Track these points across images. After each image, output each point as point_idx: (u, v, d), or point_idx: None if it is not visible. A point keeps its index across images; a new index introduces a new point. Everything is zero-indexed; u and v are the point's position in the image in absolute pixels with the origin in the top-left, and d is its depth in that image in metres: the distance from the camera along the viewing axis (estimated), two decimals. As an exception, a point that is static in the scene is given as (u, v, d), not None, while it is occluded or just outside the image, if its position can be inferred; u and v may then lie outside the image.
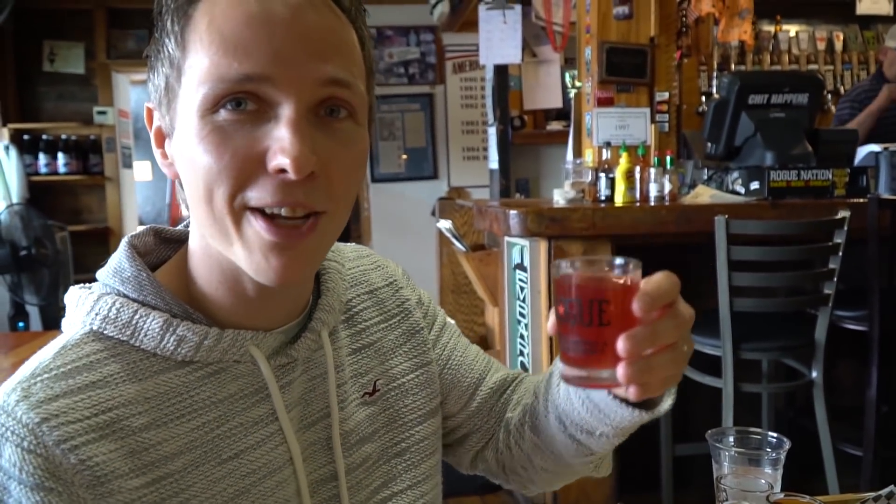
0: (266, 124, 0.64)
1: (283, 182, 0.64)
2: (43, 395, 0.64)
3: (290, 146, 0.62)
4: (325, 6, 0.67)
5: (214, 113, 0.64)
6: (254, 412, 0.73)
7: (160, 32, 0.68)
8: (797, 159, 2.74)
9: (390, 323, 0.90)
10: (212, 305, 0.73)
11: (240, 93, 0.63)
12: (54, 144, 5.53)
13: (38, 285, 4.62)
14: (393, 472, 0.84)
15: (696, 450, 2.73)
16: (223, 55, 0.63)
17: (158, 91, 0.69)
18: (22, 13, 5.39)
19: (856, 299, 2.52)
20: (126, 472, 0.64)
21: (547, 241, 2.46)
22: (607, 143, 3.12)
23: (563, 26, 4.17)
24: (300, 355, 0.76)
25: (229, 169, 0.63)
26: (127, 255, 0.73)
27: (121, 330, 0.69)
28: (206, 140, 0.64)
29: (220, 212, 0.65)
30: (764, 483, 0.80)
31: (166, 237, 0.80)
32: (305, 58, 0.64)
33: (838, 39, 5.48)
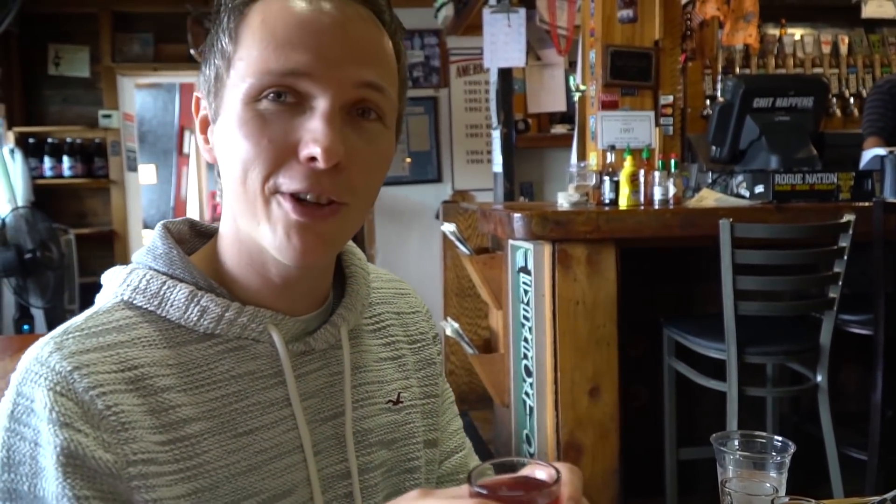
0: (302, 116, 0.69)
1: (312, 170, 0.69)
2: (75, 348, 0.69)
3: (322, 136, 0.68)
4: (370, 19, 0.73)
5: (257, 102, 0.69)
6: (270, 394, 0.76)
7: (216, 29, 0.74)
8: (802, 163, 2.74)
9: (412, 347, 0.94)
10: (238, 287, 0.77)
11: (281, 85, 0.69)
12: (59, 148, 5.54)
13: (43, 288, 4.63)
14: (402, 487, 0.87)
15: (701, 454, 2.73)
16: (272, 50, 0.69)
17: (208, 81, 0.75)
18: (27, 17, 5.40)
19: (861, 303, 2.51)
20: (147, 427, 0.69)
21: (551, 245, 2.46)
22: (612, 146, 3.11)
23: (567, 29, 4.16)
24: (318, 346, 0.80)
25: (265, 153, 0.69)
26: (161, 234, 0.79)
27: (149, 300, 0.74)
28: (247, 126, 0.69)
29: (253, 193, 0.70)
30: (769, 487, 0.80)
31: (200, 230, 0.86)
32: (345, 60, 0.70)
33: (843, 43, 5.47)
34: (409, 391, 0.90)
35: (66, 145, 5.55)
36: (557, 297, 2.46)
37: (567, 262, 2.46)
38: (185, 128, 8.72)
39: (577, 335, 2.48)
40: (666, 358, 2.65)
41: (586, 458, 2.50)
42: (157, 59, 5.73)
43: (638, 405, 2.92)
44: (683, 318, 2.69)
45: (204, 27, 5.60)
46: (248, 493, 0.73)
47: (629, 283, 2.61)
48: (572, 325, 2.47)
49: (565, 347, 2.47)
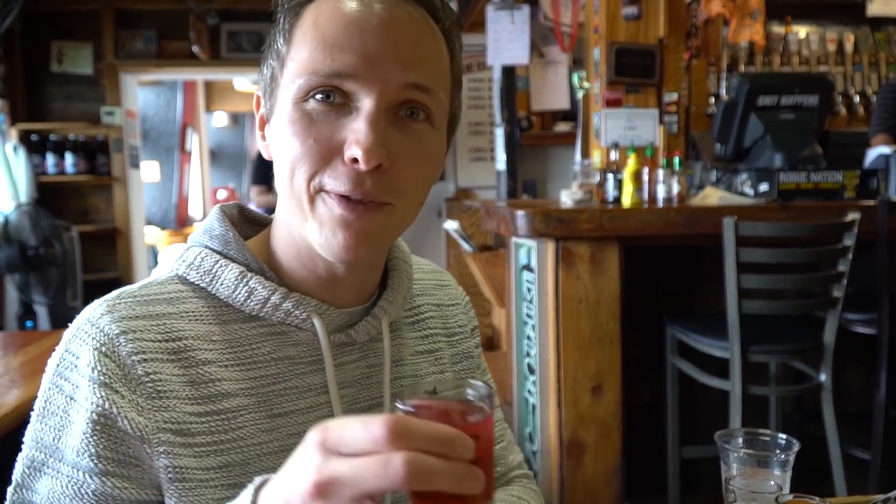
0: (348, 116, 0.71)
1: (355, 171, 0.70)
2: (125, 313, 0.73)
3: (364, 137, 0.69)
4: (422, 19, 0.74)
5: (305, 101, 0.71)
6: (308, 379, 0.79)
7: (274, 29, 0.76)
8: (807, 161, 2.73)
9: (450, 340, 0.95)
10: (287, 276, 0.80)
11: (328, 86, 0.70)
12: (62, 145, 5.55)
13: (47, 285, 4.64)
14: None
15: (703, 452, 2.73)
16: (320, 51, 0.71)
17: (265, 81, 0.77)
18: (30, 14, 5.41)
19: (865, 302, 2.50)
20: (184, 397, 0.72)
21: (555, 242, 2.45)
22: (615, 144, 3.11)
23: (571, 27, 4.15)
24: (359, 338, 0.81)
25: (311, 152, 0.71)
26: (218, 217, 0.82)
27: (202, 276, 0.77)
28: (295, 125, 0.71)
29: (299, 190, 0.72)
30: (773, 485, 0.79)
31: (248, 216, 0.89)
32: (392, 62, 0.71)
33: (849, 41, 5.46)
34: (444, 384, 0.90)
35: (69, 142, 5.56)
36: (560, 294, 2.46)
37: (570, 259, 2.45)
38: (187, 125, 8.72)
39: (579, 333, 2.47)
40: (669, 356, 2.65)
41: (589, 457, 2.50)
42: (160, 56, 5.73)
43: (640, 403, 2.91)
44: (687, 316, 2.69)
45: (207, 24, 5.60)
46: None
47: (632, 281, 2.61)
48: (575, 323, 2.47)
49: (568, 345, 2.47)
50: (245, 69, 6.12)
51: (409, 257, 0.92)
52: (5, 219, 4.58)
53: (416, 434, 0.48)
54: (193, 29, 5.55)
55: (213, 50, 5.75)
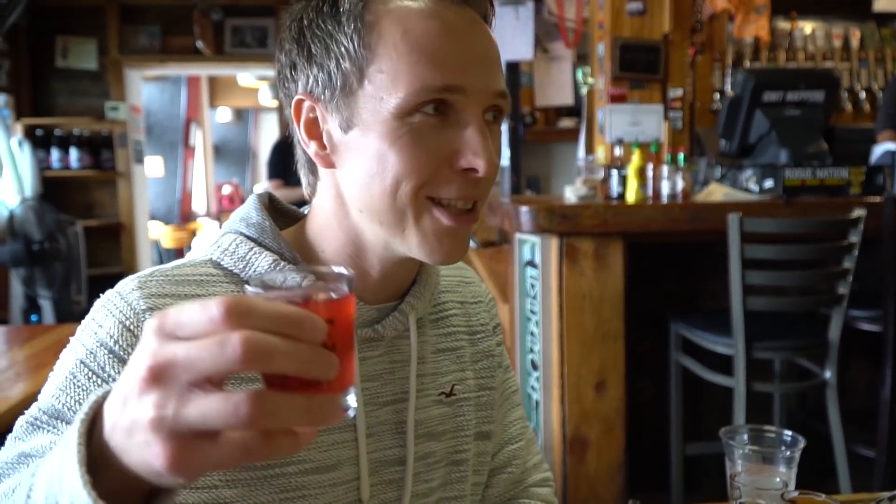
0: (453, 128, 0.73)
1: (470, 179, 0.73)
2: (155, 290, 0.74)
3: (482, 149, 0.72)
4: (485, 26, 0.77)
5: (410, 116, 0.71)
6: None
7: (331, 31, 0.73)
8: (812, 157, 2.72)
9: (472, 338, 0.95)
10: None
11: (438, 101, 0.71)
12: (67, 140, 5.56)
13: (51, 279, 4.64)
14: (449, 478, 0.89)
15: (707, 449, 2.72)
16: (424, 65, 0.71)
17: (324, 85, 0.74)
18: (35, 10, 5.41)
19: (870, 299, 2.49)
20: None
21: (558, 238, 2.45)
22: (620, 139, 3.10)
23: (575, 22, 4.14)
24: (387, 333, 0.82)
25: (424, 166, 0.72)
26: (256, 206, 0.82)
27: (235, 263, 0.78)
28: (402, 140, 0.71)
29: (403, 202, 0.73)
30: (778, 481, 0.79)
31: (277, 207, 0.89)
32: (486, 71, 0.74)
33: (855, 37, 5.43)
34: (464, 384, 0.91)
35: (74, 137, 5.57)
36: (564, 291, 2.45)
37: (574, 256, 2.45)
38: (191, 120, 8.73)
39: (583, 329, 2.47)
40: (673, 353, 2.64)
41: (592, 453, 2.50)
42: (164, 52, 5.73)
43: (644, 400, 2.91)
44: (691, 312, 2.68)
45: (211, 19, 5.60)
46: (292, 461, 0.75)
47: (636, 277, 2.60)
48: (579, 319, 2.46)
49: (572, 341, 2.46)
50: (249, 64, 6.12)
51: None
52: (10, 213, 4.59)
53: (257, 313, 0.44)
54: (197, 24, 5.55)
55: (216, 45, 5.75)
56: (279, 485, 0.74)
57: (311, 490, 0.76)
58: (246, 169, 10.13)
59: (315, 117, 0.77)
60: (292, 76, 0.77)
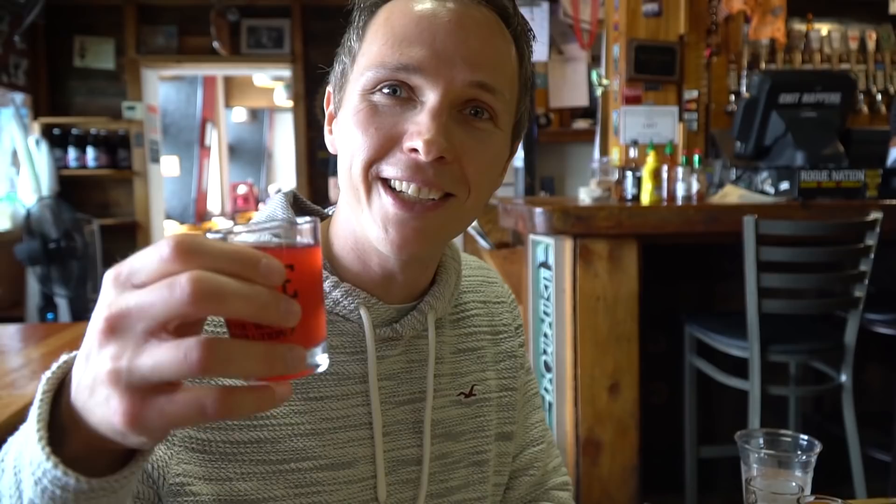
0: (412, 110, 0.72)
1: (414, 161, 0.71)
2: None
3: (425, 129, 0.70)
4: (495, 22, 0.76)
5: (371, 94, 0.73)
6: (348, 367, 0.79)
7: (349, 28, 0.78)
8: (828, 159, 2.70)
9: (494, 339, 0.95)
10: (341, 267, 0.81)
11: (394, 79, 0.72)
12: (84, 139, 5.60)
13: (67, 277, 4.68)
14: (470, 478, 0.88)
15: (721, 452, 2.71)
16: (389, 46, 0.72)
17: (336, 77, 0.79)
18: (53, 9, 5.46)
19: (887, 302, 2.48)
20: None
21: (572, 240, 2.45)
22: (634, 141, 3.09)
23: (590, 24, 4.14)
24: (405, 333, 0.82)
25: (370, 141, 0.72)
26: (282, 205, 0.83)
27: None
28: (359, 115, 0.73)
29: (356, 179, 0.73)
30: (794, 486, 0.79)
31: (301, 205, 0.89)
32: (458, 59, 0.72)
33: (871, 39, 5.39)
34: (485, 384, 0.91)
35: (91, 136, 5.61)
36: (578, 292, 2.45)
37: (588, 257, 2.44)
38: (207, 120, 8.77)
39: (597, 331, 2.46)
40: (687, 355, 2.63)
41: (605, 455, 2.49)
42: (181, 52, 5.77)
43: (658, 402, 2.90)
44: (705, 315, 2.67)
45: (227, 20, 5.63)
46: (307, 456, 0.76)
47: (651, 279, 2.59)
48: (593, 320, 2.46)
49: (585, 343, 2.46)
50: (264, 65, 6.14)
51: (457, 254, 0.92)
52: (27, 212, 4.63)
53: (208, 251, 0.42)
54: (214, 25, 5.58)
55: (233, 46, 5.78)
56: (294, 479, 0.75)
57: (325, 486, 0.76)
58: (261, 169, 10.17)
59: (332, 110, 0.81)
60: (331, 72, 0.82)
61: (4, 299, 4.98)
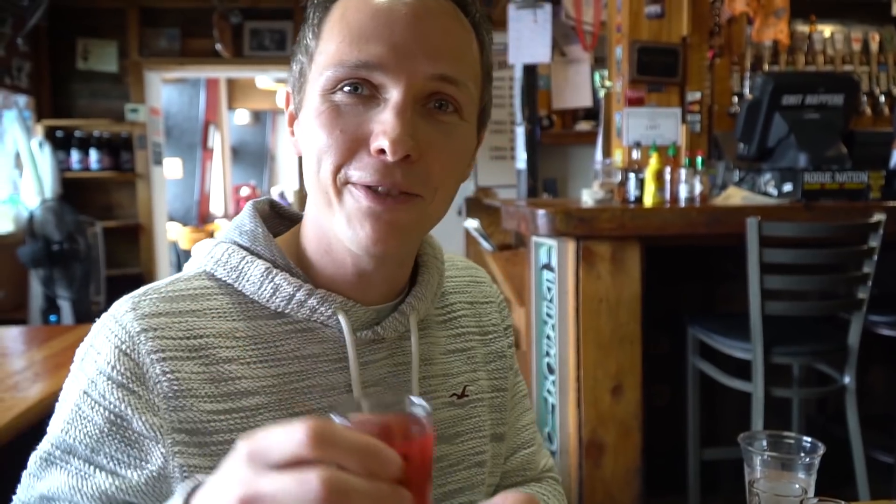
0: (375, 108, 0.71)
1: (382, 162, 0.69)
2: (148, 310, 0.73)
3: (391, 129, 0.68)
4: (452, 12, 0.74)
5: (332, 93, 0.71)
6: (332, 377, 0.77)
7: (303, 25, 0.77)
8: (832, 161, 2.70)
9: (484, 339, 0.94)
10: (315, 272, 0.79)
11: (355, 78, 0.70)
12: (87, 141, 5.60)
13: (70, 279, 4.69)
14: (472, 480, 0.87)
15: (724, 454, 2.70)
16: (347, 43, 0.70)
17: (294, 77, 0.77)
18: (56, 11, 5.47)
19: (890, 304, 2.47)
20: (203, 395, 0.72)
21: (575, 242, 2.44)
22: (637, 143, 3.09)
23: (593, 25, 4.14)
24: (387, 335, 0.80)
25: (337, 144, 0.70)
26: (250, 213, 0.82)
27: (229, 273, 0.77)
28: (322, 117, 0.71)
29: (325, 182, 0.72)
30: (798, 488, 0.78)
31: (279, 212, 0.88)
32: (419, 53, 0.70)
33: (874, 40, 5.39)
34: (476, 384, 0.89)
35: (94, 139, 5.61)
36: (581, 294, 2.45)
37: (591, 259, 2.44)
38: (209, 122, 8.78)
39: (600, 333, 2.46)
40: (690, 357, 2.63)
41: (608, 456, 2.49)
42: (184, 54, 5.77)
43: (661, 404, 2.90)
44: (708, 316, 2.67)
45: (230, 22, 5.64)
46: None
47: (653, 280, 2.59)
48: (595, 322, 2.46)
49: (588, 345, 2.46)
50: (267, 67, 6.15)
51: (440, 253, 0.91)
52: (30, 214, 4.64)
53: (339, 441, 0.46)
54: (216, 27, 5.59)
55: (235, 48, 5.78)
56: None
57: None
58: (263, 171, 10.18)
59: (292, 109, 0.79)
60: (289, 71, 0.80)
61: (7, 302, 4.99)
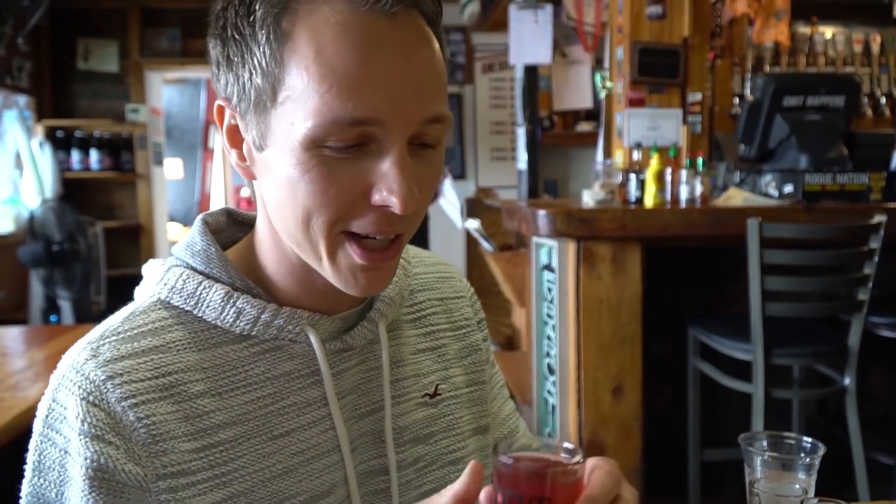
0: (370, 159, 0.65)
1: (385, 215, 0.67)
2: (110, 355, 0.69)
3: (399, 186, 0.64)
4: (427, 34, 0.67)
5: (321, 148, 0.64)
6: (307, 393, 0.75)
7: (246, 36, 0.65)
8: (833, 162, 2.70)
9: (456, 334, 0.92)
10: (277, 289, 0.76)
11: (350, 138, 0.63)
12: (87, 141, 5.61)
13: (71, 280, 4.69)
14: (447, 479, 0.85)
15: (725, 455, 2.70)
16: (335, 95, 0.62)
17: (239, 96, 0.68)
18: (57, 11, 5.47)
19: (891, 306, 2.47)
20: (180, 435, 0.68)
21: (576, 242, 2.44)
22: (638, 144, 3.09)
23: (594, 26, 4.14)
24: (356, 343, 0.78)
25: (334, 201, 0.65)
26: (200, 230, 0.77)
27: (186, 300, 0.73)
28: (312, 172, 0.65)
29: (317, 236, 0.67)
30: (798, 489, 0.78)
31: (238, 219, 0.85)
32: (414, 98, 0.65)
33: (875, 42, 5.39)
34: (450, 381, 0.88)
35: (94, 139, 5.62)
36: (581, 295, 2.45)
37: (592, 260, 2.44)
38: (210, 123, 8.78)
39: (600, 334, 2.46)
40: (691, 358, 2.63)
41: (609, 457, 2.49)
42: (185, 55, 5.78)
43: (661, 405, 2.90)
44: (709, 317, 2.67)
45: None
46: (286, 496, 0.73)
47: (654, 281, 2.59)
48: (596, 323, 2.46)
49: (589, 346, 2.46)
50: (268, 67, 6.15)
51: (405, 252, 0.89)
52: (31, 214, 4.64)
53: None
54: (217, 27, 5.59)
55: (236, 48, 5.79)
56: None
57: None
58: (264, 171, 10.18)
59: (236, 125, 0.70)
60: (216, 74, 0.70)
61: (8, 302, 4.99)
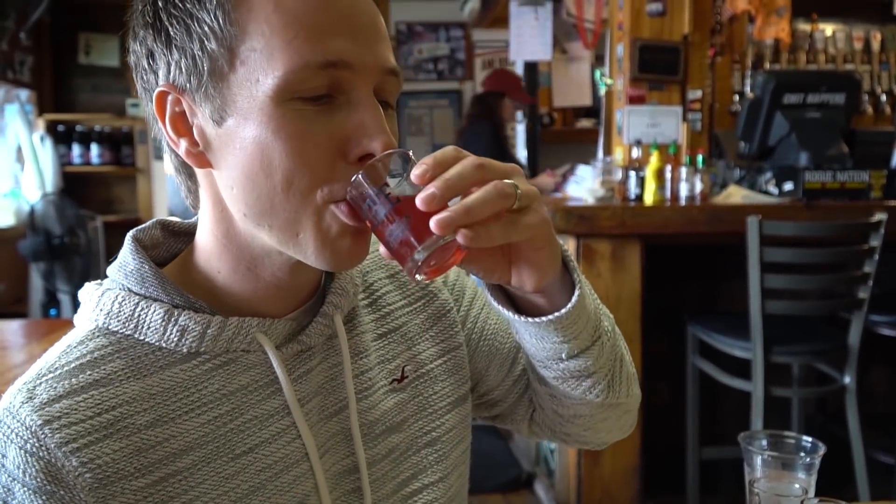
0: (342, 112, 0.63)
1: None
2: (46, 397, 0.63)
3: (378, 131, 0.62)
4: None
5: (292, 100, 0.61)
6: (268, 404, 0.71)
7: (188, 9, 0.63)
8: (833, 160, 2.70)
9: (414, 307, 0.86)
10: (221, 296, 0.71)
11: (323, 83, 0.62)
12: (88, 136, 5.60)
13: (71, 273, 4.69)
14: (423, 462, 0.82)
15: (723, 453, 2.71)
16: (303, 39, 0.61)
17: (188, 71, 0.64)
18: (59, 6, 5.46)
19: (891, 304, 2.47)
20: (131, 472, 0.64)
21: (575, 239, 2.44)
22: (638, 141, 3.09)
23: (594, 23, 4.13)
24: (314, 342, 0.74)
25: (313, 161, 0.62)
26: (130, 248, 0.72)
27: (124, 324, 0.68)
28: (287, 128, 0.61)
29: (298, 202, 0.63)
30: (798, 488, 0.78)
31: (175, 230, 0.79)
32: (376, 41, 0.64)
33: (876, 39, 5.38)
34: (416, 360, 0.83)
35: (95, 133, 5.61)
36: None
37: (591, 257, 2.44)
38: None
39: (600, 331, 2.46)
40: (690, 356, 2.63)
41: (607, 455, 2.49)
42: (185, 49, 5.77)
43: (660, 402, 2.90)
44: (708, 315, 2.67)
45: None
46: None
47: (654, 279, 2.59)
48: (595, 320, 2.45)
49: (588, 343, 2.45)
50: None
51: None
52: (31, 208, 4.64)
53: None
54: (218, 22, 5.59)
55: (236, 43, 5.78)
56: None
57: None
58: (263, 166, 10.19)
59: (182, 111, 0.66)
60: (150, 66, 0.67)
61: (8, 295, 4.99)
